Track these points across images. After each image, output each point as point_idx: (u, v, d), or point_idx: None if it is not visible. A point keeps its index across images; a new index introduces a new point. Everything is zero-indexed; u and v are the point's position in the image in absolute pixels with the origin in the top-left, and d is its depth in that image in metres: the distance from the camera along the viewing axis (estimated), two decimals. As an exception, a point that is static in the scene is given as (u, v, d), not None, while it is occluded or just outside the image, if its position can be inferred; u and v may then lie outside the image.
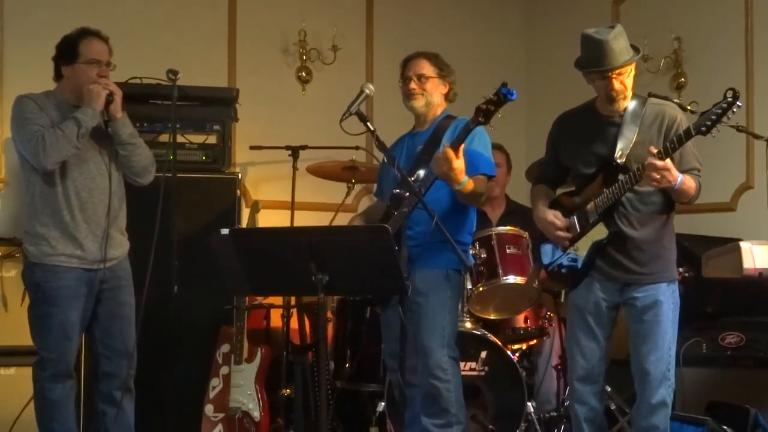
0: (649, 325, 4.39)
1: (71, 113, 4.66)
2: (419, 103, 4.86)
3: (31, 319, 4.73)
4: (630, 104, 4.44)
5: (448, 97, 4.94)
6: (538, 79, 7.74)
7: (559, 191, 4.78)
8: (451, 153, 4.41)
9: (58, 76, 4.81)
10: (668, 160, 4.18)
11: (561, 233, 4.55)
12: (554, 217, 4.58)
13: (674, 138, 4.20)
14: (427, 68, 4.86)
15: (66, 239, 4.67)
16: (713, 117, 4.10)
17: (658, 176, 4.16)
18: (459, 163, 4.47)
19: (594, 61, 4.35)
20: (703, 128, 4.12)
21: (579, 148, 4.55)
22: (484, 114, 4.40)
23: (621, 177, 4.33)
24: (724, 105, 4.09)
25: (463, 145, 4.46)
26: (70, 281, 4.66)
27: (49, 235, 4.66)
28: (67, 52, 4.75)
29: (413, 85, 4.86)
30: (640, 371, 4.41)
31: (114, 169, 4.80)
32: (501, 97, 4.34)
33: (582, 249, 4.52)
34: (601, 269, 4.48)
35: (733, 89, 4.09)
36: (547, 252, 4.71)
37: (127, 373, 4.78)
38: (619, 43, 4.32)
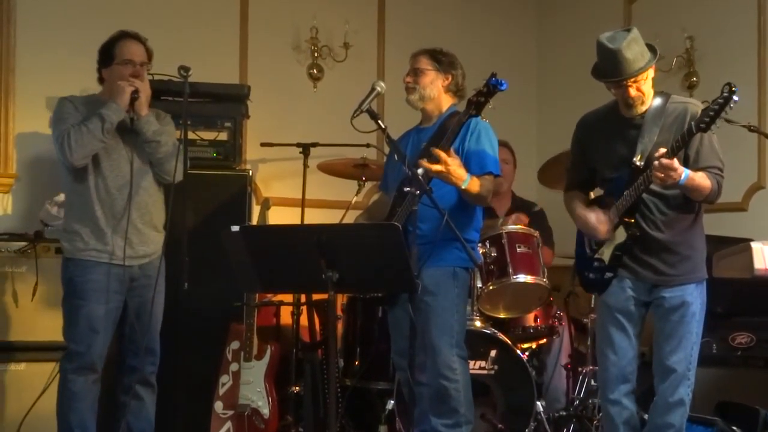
0: (675, 325, 4.39)
1: None
2: (413, 96, 4.85)
3: (63, 314, 4.82)
4: (654, 102, 4.42)
5: (449, 89, 4.89)
6: (550, 76, 7.74)
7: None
8: (440, 153, 4.41)
9: (101, 80, 4.93)
10: (675, 160, 4.16)
11: (605, 228, 4.50)
12: (597, 220, 4.52)
13: (678, 137, 4.20)
14: (423, 62, 4.86)
15: (97, 235, 4.77)
16: (711, 113, 4.09)
17: (662, 174, 4.15)
18: (453, 160, 4.47)
19: (608, 71, 4.33)
20: (702, 125, 4.11)
21: (604, 150, 4.53)
22: (476, 106, 4.39)
23: (639, 179, 4.32)
24: (721, 100, 4.07)
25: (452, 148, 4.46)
26: (98, 275, 4.75)
27: (82, 230, 4.77)
28: (105, 55, 4.89)
29: (408, 78, 4.87)
30: (662, 369, 4.40)
31: (143, 165, 4.87)
32: (491, 88, 4.33)
33: (606, 254, 4.51)
34: (631, 268, 4.47)
35: (729, 84, 4.07)
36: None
37: (150, 369, 4.89)
38: (632, 50, 4.28)
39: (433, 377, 4.65)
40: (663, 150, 4.17)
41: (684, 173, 4.20)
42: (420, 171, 4.47)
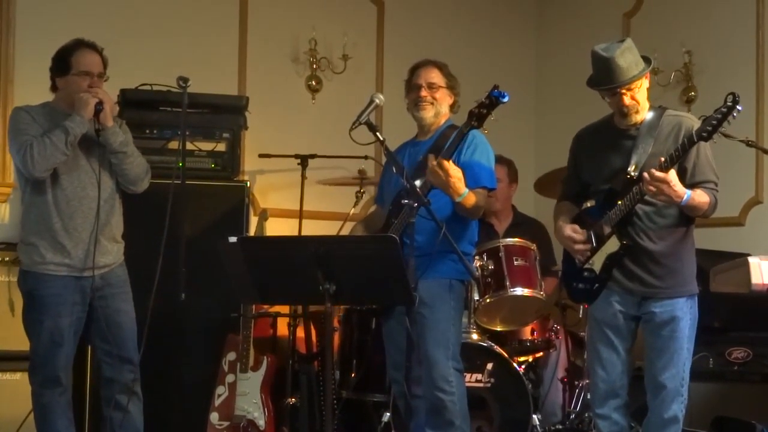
0: (666, 340, 4.36)
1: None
2: (429, 113, 4.82)
3: (24, 326, 4.79)
4: (647, 116, 4.42)
5: (453, 109, 4.90)
6: (548, 88, 7.76)
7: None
8: (445, 163, 4.40)
9: (54, 87, 4.85)
10: (672, 173, 4.14)
11: (579, 246, 4.51)
12: (572, 231, 4.53)
13: (678, 146, 4.18)
14: (437, 77, 4.82)
15: (55, 247, 4.71)
16: (714, 122, 4.07)
17: (653, 188, 4.14)
18: (456, 172, 4.46)
19: (602, 79, 4.34)
20: (704, 134, 4.09)
21: (597, 163, 4.53)
22: (477, 117, 4.38)
23: (633, 189, 4.32)
24: (724, 109, 4.06)
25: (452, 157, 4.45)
26: (59, 289, 4.70)
27: (39, 243, 4.71)
28: (61, 63, 4.79)
29: (424, 92, 4.81)
30: (654, 385, 4.38)
31: (106, 178, 4.82)
32: (493, 100, 4.32)
33: (597, 264, 4.49)
34: (618, 281, 4.44)
35: (733, 93, 4.06)
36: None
37: (131, 378, 4.79)
38: (626, 58, 4.30)
39: (429, 390, 4.64)
40: (662, 159, 4.16)
41: (686, 195, 4.19)
42: (418, 183, 4.47)
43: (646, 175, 4.14)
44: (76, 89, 4.73)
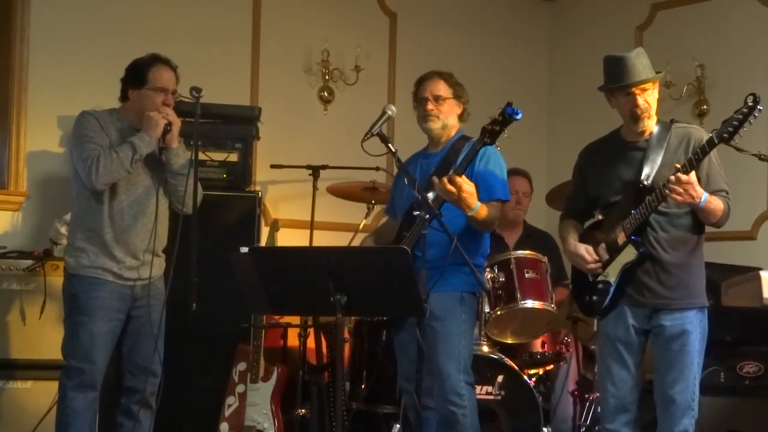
0: (676, 354, 4.34)
1: (130, 136, 4.74)
2: (436, 125, 4.80)
3: (65, 329, 4.81)
4: (655, 129, 4.42)
5: (462, 118, 4.88)
6: (561, 102, 7.76)
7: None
8: (457, 178, 4.40)
9: (124, 97, 4.89)
10: (693, 176, 4.13)
11: (592, 265, 4.49)
12: (586, 251, 4.51)
13: (698, 149, 4.16)
14: (443, 89, 4.80)
15: (105, 254, 4.75)
16: (735, 123, 4.06)
17: (681, 190, 4.12)
18: (468, 187, 4.45)
19: (617, 76, 4.34)
20: (725, 135, 4.08)
21: (605, 176, 4.52)
22: (490, 134, 4.38)
23: (648, 197, 4.31)
24: (745, 110, 4.06)
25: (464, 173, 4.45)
26: (104, 293, 4.73)
27: (89, 249, 4.75)
28: (136, 76, 4.83)
29: (430, 106, 4.79)
30: (664, 399, 4.36)
31: (162, 195, 4.87)
32: (506, 117, 4.32)
33: (612, 275, 4.46)
34: (629, 295, 4.42)
35: (753, 94, 4.07)
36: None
37: (151, 389, 4.84)
38: (641, 60, 4.33)
39: (441, 403, 4.63)
40: (678, 165, 4.15)
41: (704, 195, 4.18)
42: (431, 195, 4.48)
43: (672, 178, 4.12)
44: (150, 104, 4.78)
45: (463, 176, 4.45)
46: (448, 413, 4.62)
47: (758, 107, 4.04)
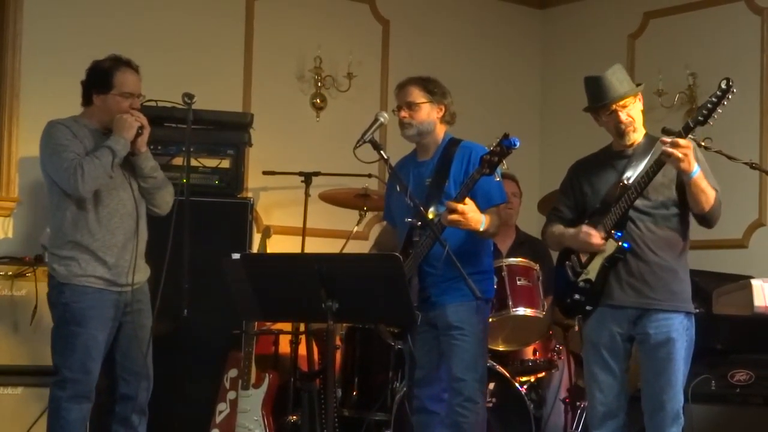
0: (662, 362, 4.35)
1: (102, 141, 4.68)
2: (410, 132, 4.74)
3: (54, 339, 4.72)
4: (642, 141, 4.46)
5: (445, 120, 4.79)
6: (553, 109, 7.76)
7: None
8: (458, 206, 4.40)
9: (87, 102, 4.81)
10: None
11: (600, 240, 4.41)
12: (589, 228, 4.46)
13: (683, 125, 4.23)
14: (415, 94, 4.72)
15: (96, 261, 4.68)
16: (709, 105, 4.16)
17: (673, 150, 4.13)
18: (471, 209, 4.44)
19: (597, 96, 4.40)
20: (700, 117, 4.16)
21: (593, 184, 4.54)
22: (489, 165, 4.38)
23: (625, 193, 4.33)
24: (719, 93, 4.14)
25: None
26: (98, 302, 4.67)
27: (79, 257, 4.67)
28: (101, 80, 4.75)
29: (403, 113, 4.73)
30: (652, 408, 4.37)
31: (140, 197, 4.84)
32: (504, 149, 4.32)
33: (593, 272, 4.46)
34: (612, 296, 4.41)
35: (727, 78, 4.14)
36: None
37: (144, 395, 4.78)
38: (617, 76, 4.39)
39: (454, 410, 4.64)
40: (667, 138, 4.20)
41: (696, 166, 4.20)
42: (432, 209, 4.51)
43: (664, 138, 4.17)
44: (117, 109, 4.71)
45: (466, 201, 4.44)
46: (460, 417, 4.62)
47: (732, 89, 4.13)
